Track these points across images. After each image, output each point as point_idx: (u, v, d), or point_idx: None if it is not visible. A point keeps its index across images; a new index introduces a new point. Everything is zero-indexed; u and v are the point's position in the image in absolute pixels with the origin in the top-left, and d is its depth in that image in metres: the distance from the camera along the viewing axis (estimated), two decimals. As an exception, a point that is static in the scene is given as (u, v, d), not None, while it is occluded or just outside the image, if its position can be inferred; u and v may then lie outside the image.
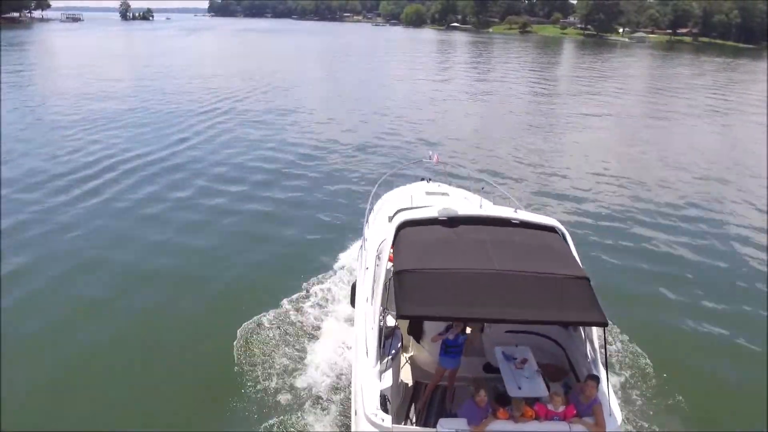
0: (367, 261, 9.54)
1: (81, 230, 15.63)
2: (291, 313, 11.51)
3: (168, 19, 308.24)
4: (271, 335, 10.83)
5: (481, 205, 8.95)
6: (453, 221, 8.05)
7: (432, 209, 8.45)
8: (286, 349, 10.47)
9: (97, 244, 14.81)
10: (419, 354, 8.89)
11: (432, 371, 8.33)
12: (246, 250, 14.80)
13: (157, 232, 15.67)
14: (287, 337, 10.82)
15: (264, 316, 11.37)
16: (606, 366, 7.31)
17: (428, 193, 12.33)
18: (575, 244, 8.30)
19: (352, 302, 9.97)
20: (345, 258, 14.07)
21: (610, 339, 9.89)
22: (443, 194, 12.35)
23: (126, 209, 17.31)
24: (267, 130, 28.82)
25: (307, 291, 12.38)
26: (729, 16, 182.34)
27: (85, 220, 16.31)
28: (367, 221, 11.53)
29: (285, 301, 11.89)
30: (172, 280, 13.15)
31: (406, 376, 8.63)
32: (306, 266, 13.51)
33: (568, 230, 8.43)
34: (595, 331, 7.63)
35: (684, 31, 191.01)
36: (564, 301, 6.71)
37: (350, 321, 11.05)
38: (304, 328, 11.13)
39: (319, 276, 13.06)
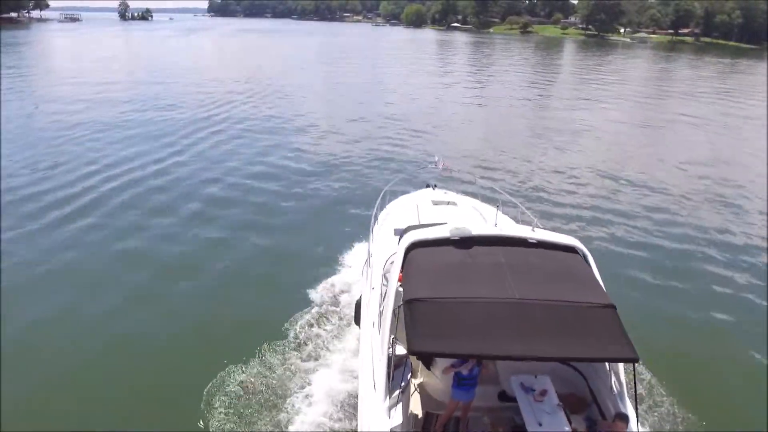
0: (373, 280, 8.85)
1: (48, 266, 13.84)
2: (276, 366, 10.03)
3: (171, 19, 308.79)
4: (251, 397, 9.33)
5: (496, 223, 8.19)
6: (466, 242, 7.45)
7: (444, 228, 7.80)
8: (270, 413, 9.03)
9: (63, 284, 13.06)
10: (430, 381, 8.15)
11: (444, 400, 7.69)
12: (228, 288, 13.13)
13: (131, 270, 13.88)
14: (270, 396, 9.37)
15: (242, 370, 9.85)
16: (636, 404, 6.64)
17: (435, 203, 11.79)
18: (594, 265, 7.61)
19: (357, 321, 9.38)
20: (342, 290, 12.61)
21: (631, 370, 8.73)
22: (451, 203, 11.86)
23: (102, 241, 15.48)
24: (264, 141, 27.35)
25: (296, 336, 10.88)
26: (731, 16, 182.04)
27: (54, 253, 14.51)
28: (372, 233, 10.78)
29: (267, 351, 10.42)
30: (141, 330, 11.41)
31: (416, 406, 7.92)
32: (296, 305, 11.97)
33: (588, 249, 7.78)
34: (622, 363, 7.03)
35: (686, 31, 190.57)
36: (589, 334, 6.12)
37: (346, 372, 9.80)
38: (291, 385, 9.63)
39: (310, 318, 11.51)
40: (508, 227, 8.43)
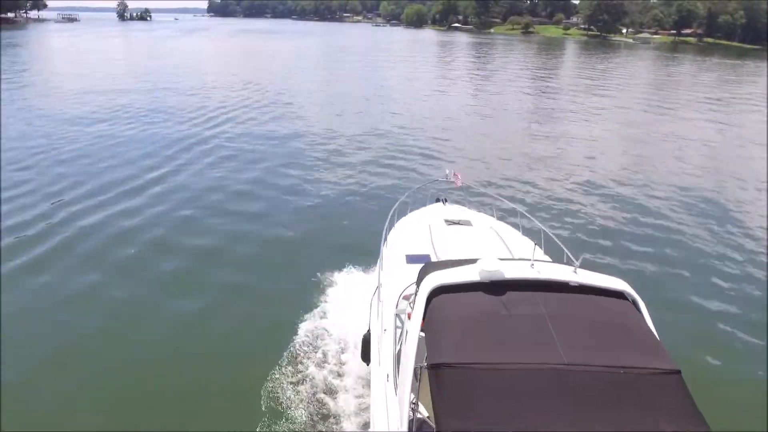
0: (384, 319, 7.73)
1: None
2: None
3: (176, 19, 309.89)
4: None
5: (533, 263, 6.69)
6: (499, 285, 6.24)
7: (472, 269, 6.46)
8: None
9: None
10: None
11: None
12: (199, 361, 10.36)
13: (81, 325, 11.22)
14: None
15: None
16: None
17: (448, 222, 10.80)
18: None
19: (364, 358, 8.68)
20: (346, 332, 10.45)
21: None
22: (464, 222, 10.90)
23: (47, 308, 12.13)
24: (260, 161, 25.03)
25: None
26: (734, 16, 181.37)
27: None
28: (381, 258, 9.61)
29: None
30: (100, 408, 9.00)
31: None
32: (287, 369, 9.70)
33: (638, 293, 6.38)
34: None
35: (688, 31, 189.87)
36: (654, 410, 5.05)
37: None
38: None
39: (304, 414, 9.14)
40: (546, 267, 6.95)
